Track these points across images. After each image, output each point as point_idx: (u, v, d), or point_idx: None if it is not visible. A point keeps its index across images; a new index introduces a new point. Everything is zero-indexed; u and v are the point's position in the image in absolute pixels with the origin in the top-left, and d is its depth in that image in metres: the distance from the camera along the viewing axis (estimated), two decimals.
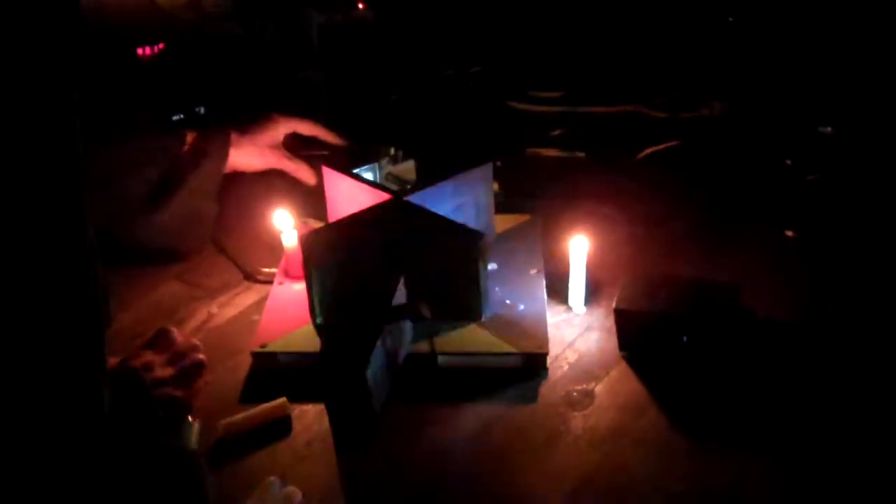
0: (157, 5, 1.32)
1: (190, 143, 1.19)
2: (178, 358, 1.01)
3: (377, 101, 1.57)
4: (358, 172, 1.16)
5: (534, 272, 1.13)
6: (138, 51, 1.34)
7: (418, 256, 1.03)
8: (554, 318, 1.08)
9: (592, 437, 0.92)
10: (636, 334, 1.02)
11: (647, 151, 1.41)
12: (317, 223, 1.20)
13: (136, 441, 0.77)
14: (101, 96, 1.18)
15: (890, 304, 1.07)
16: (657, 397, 0.97)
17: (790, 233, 1.22)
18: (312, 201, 1.24)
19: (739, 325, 1.02)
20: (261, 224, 1.22)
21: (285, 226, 1.14)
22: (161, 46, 1.36)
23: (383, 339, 0.93)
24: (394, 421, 0.94)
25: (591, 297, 1.10)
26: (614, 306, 1.02)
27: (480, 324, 1.05)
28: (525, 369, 1.01)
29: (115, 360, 0.98)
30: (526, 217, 1.23)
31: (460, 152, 1.22)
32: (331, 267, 1.04)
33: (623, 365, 1.02)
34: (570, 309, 1.10)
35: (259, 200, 1.26)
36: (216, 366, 1.03)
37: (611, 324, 1.05)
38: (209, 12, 1.40)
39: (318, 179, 1.25)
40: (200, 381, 1.00)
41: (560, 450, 0.91)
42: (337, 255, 1.04)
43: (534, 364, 1.01)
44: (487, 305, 1.05)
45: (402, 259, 1.02)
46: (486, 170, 1.15)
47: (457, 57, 1.66)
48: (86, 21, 1.02)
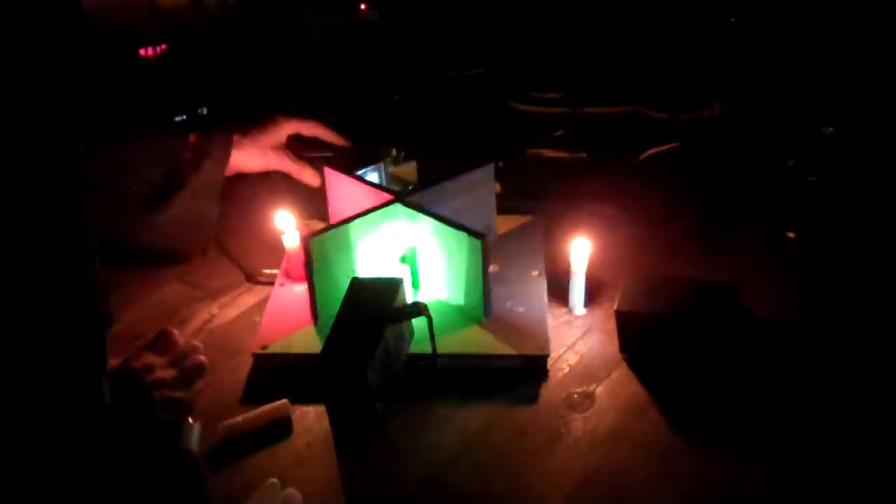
0: (159, 6, 1.32)
1: (191, 144, 1.19)
2: (180, 359, 1.01)
3: (379, 102, 1.57)
4: (363, 174, 1.16)
5: (535, 274, 1.13)
6: (141, 51, 1.35)
7: (420, 257, 1.03)
8: (555, 320, 1.08)
9: (593, 438, 0.93)
10: (637, 336, 1.02)
11: (649, 152, 1.41)
12: (319, 224, 1.20)
13: (136, 442, 0.78)
14: (103, 97, 1.18)
15: (890, 304, 1.07)
16: (658, 399, 0.97)
17: (791, 233, 1.22)
18: (314, 202, 1.24)
19: (740, 326, 1.02)
20: (262, 225, 1.22)
21: (287, 227, 1.14)
22: (163, 47, 1.36)
23: (384, 340, 0.93)
24: (395, 423, 0.94)
25: (591, 299, 1.10)
26: (615, 308, 1.02)
27: (481, 325, 1.05)
28: (526, 371, 1.01)
29: (116, 361, 0.98)
30: (527, 218, 1.24)
31: (462, 153, 1.22)
32: (333, 268, 1.05)
33: (624, 367, 1.02)
34: (570, 310, 1.10)
35: (261, 201, 1.26)
36: (217, 367, 1.03)
37: (612, 325, 1.05)
38: (211, 13, 1.40)
39: (321, 181, 1.25)
40: (201, 383, 1.00)
41: (561, 451, 0.91)
42: (339, 257, 1.04)
43: (534, 366, 1.01)
44: (489, 307, 1.05)
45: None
46: (488, 171, 1.15)
47: (459, 58, 1.66)
48: (88, 22, 1.03)
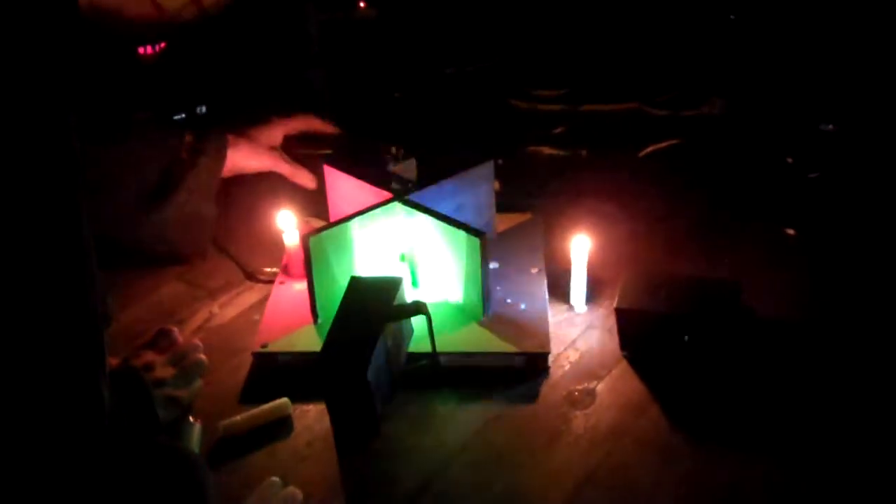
0: (158, 4, 1.32)
1: (188, 143, 1.19)
2: (179, 358, 1.01)
3: (379, 100, 1.57)
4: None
5: (535, 271, 1.13)
6: (139, 50, 1.34)
7: (420, 255, 1.03)
8: (555, 318, 1.08)
9: (594, 436, 0.93)
10: (637, 333, 1.02)
11: (649, 149, 1.41)
12: (319, 222, 1.20)
13: (136, 441, 0.77)
14: (101, 96, 1.18)
15: (890, 302, 1.07)
16: (658, 396, 0.97)
17: (791, 230, 1.22)
18: (314, 200, 1.24)
19: (740, 324, 1.02)
20: (262, 223, 1.22)
21: (287, 225, 1.14)
22: (162, 45, 1.36)
23: (384, 339, 0.93)
24: (395, 421, 0.94)
25: (592, 296, 1.10)
26: (615, 305, 1.02)
27: (481, 323, 1.04)
28: (526, 369, 1.01)
29: (116, 360, 0.98)
30: (527, 216, 1.23)
31: (461, 151, 1.22)
32: (332, 267, 1.04)
33: (624, 364, 1.01)
34: (571, 308, 1.10)
35: (261, 200, 1.26)
36: (217, 366, 1.03)
37: (612, 323, 1.04)
38: (210, 11, 1.40)
39: (317, 183, 1.25)
40: (201, 381, 1.00)
41: (561, 449, 0.91)
42: (339, 255, 1.04)
43: (535, 363, 1.01)
44: (489, 305, 1.05)
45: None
46: (488, 168, 1.15)
47: (458, 55, 1.65)
48: (86, 20, 1.03)
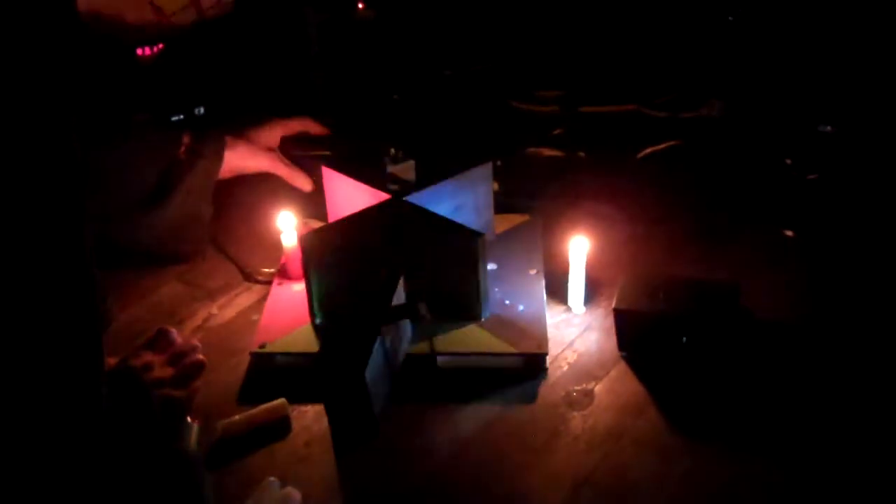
0: (157, 8, 1.32)
1: (185, 144, 1.19)
2: (178, 358, 1.01)
3: (377, 101, 1.57)
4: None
5: (533, 272, 1.13)
6: (137, 51, 1.34)
7: (418, 257, 1.03)
8: (553, 319, 1.08)
9: (592, 437, 0.93)
10: (635, 334, 1.02)
11: (647, 151, 1.41)
12: (317, 223, 1.20)
13: (134, 441, 0.78)
14: (99, 97, 1.18)
15: (889, 303, 1.07)
16: (656, 397, 0.97)
17: (789, 232, 1.22)
18: (313, 201, 1.24)
19: (738, 325, 1.02)
20: (261, 224, 1.22)
21: (285, 226, 1.14)
22: (160, 47, 1.36)
23: (382, 339, 0.93)
24: (393, 421, 0.94)
25: (590, 298, 1.10)
26: (613, 306, 1.02)
27: (480, 324, 1.04)
28: (524, 369, 1.01)
29: (114, 360, 0.98)
30: (525, 217, 1.23)
31: (460, 152, 1.22)
32: (330, 267, 1.04)
33: (622, 365, 1.01)
34: (569, 309, 1.10)
35: (259, 200, 1.26)
36: (215, 366, 1.03)
37: (610, 324, 1.04)
38: (209, 14, 1.40)
39: (314, 185, 1.25)
40: (199, 382, 1.00)
41: (559, 450, 0.91)
42: (337, 256, 1.04)
43: (533, 364, 1.01)
44: (487, 306, 1.05)
45: (401, 259, 1.02)
46: (486, 170, 1.15)
47: (457, 56, 1.65)
48: (84, 22, 1.03)
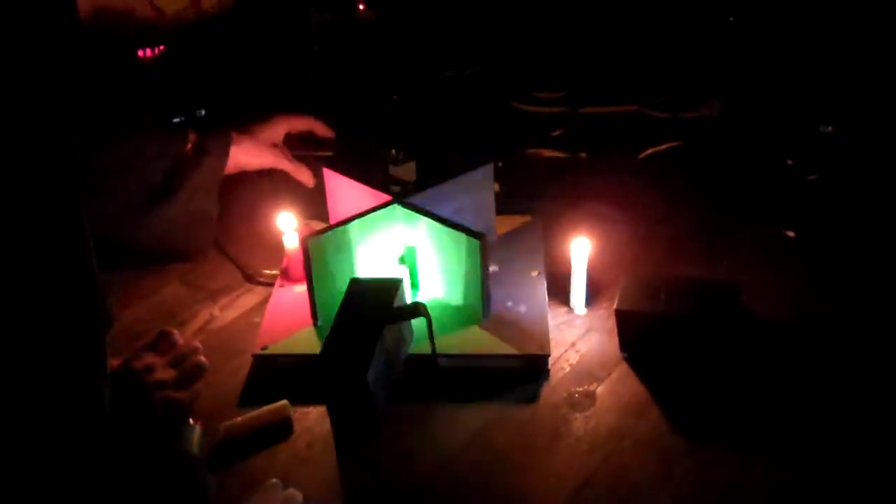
0: (158, 7, 1.32)
1: (191, 141, 1.19)
2: (180, 360, 1.01)
3: (378, 102, 1.57)
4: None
5: (535, 274, 1.13)
6: (138, 53, 1.34)
7: (420, 258, 1.03)
8: (555, 320, 1.08)
9: (594, 438, 0.93)
10: (637, 335, 1.02)
11: (648, 151, 1.41)
12: (319, 224, 1.20)
13: (136, 443, 0.77)
14: (101, 98, 1.18)
15: (889, 303, 1.07)
16: (658, 398, 0.97)
17: (790, 232, 1.22)
18: (314, 203, 1.24)
19: (739, 325, 1.02)
20: (262, 226, 1.22)
21: (287, 228, 1.14)
22: (161, 48, 1.36)
23: (384, 341, 0.93)
24: (395, 423, 0.94)
25: (591, 299, 1.10)
26: (615, 307, 1.02)
27: (481, 325, 1.05)
28: (526, 371, 1.01)
29: (116, 362, 0.98)
30: (527, 218, 1.23)
31: (461, 153, 1.22)
32: (332, 269, 1.04)
33: (624, 366, 1.02)
34: (571, 310, 1.10)
35: (261, 202, 1.26)
36: (217, 368, 1.03)
37: (612, 325, 1.05)
38: (210, 13, 1.40)
39: (316, 181, 1.25)
40: (201, 384, 1.00)
41: (561, 451, 0.91)
42: (338, 258, 1.04)
43: (535, 365, 1.01)
44: (488, 307, 1.05)
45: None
46: (487, 171, 1.15)
47: (458, 57, 1.66)
48: (84, 23, 1.03)
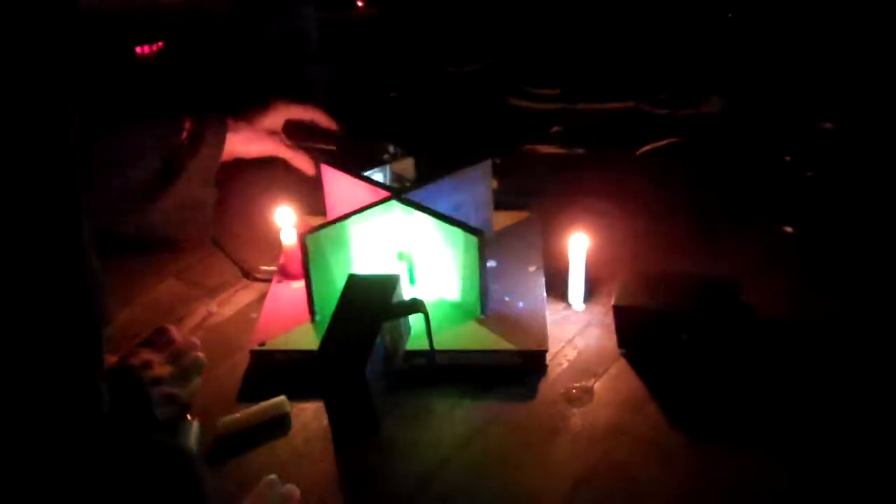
0: (156, 3, 1.31)
1: (187, 128, 1.19)
2: (177, 356, 1.01)
3: (377, 98, 1.57)
4: (370, 174, 1.16)
5: (533, 269, 1.13)
6: (137, 49, 1.34)
7: (418, 254, 1.03)
8: (553, 316, 1.07)
9: (591, 433, 0.92)
10: (635, 331, 1.02)
11: (646, 148, 1.41)
12: (316, 220, 1.20)
13: (134, 439, 0.77)
14: (99, 94, 1.18)
15: (889, 300, 1.07)
16: (656, 394, 0.97)
17: (789, 228, 1.22)
18: (312, 198, 1.24)
19: (738, 321, 1.02)
20: (260, 222, 1.22)
21: (284, 223, 1.14)
22: (160, 45, 1.36)
23: (382, 336, 0.93)
24: (393, 419, 0.94)
25: (590, 294, 1.10)
26: (613, 303, 1.02)
27: (479, 321, 1.04)
28: (524, 366, 1.01)
29: (113, 359, 0.98)
30: (525, 214, 1.23)
31: (459, 149, 1.22)
32: (330, 265, 1.04)
33: (622, 362, 1.01)
34: (569, 306, 1.10)
35: (259, 198, 1.26)
36: (215, 364, 1.03)
37: (610, 321, 1.05)
38: (208, 10, 1.40)
39: (316, 170, 1.25)
40: (199, 380, 1.00)
41: (559, 447, 0.91)
42: (336, 254, 1.04)
43: (533, 361, 1.01)
44: (486, 302, 1.05)
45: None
46: (485, 167, 1.15)
47: (457, 54, 1.65)
48: (84, 18, 1.02)
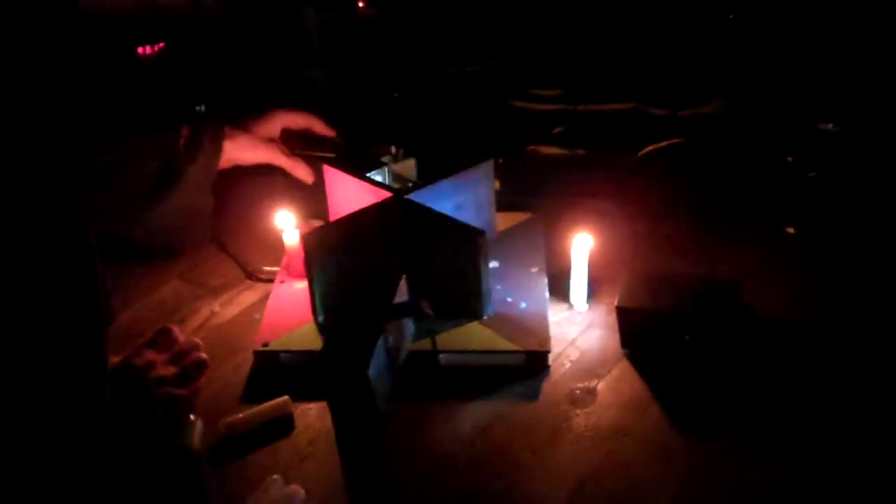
0: (157, 4, 1.32)
1: (185, 136, 1.19)
2: (180, 356, 1.01)
3: (379, 99, 1.57)
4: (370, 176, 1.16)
5: (535, 270, 1.13)
6: (138, 50, 1.34)
7: (420, 255, 1.03)
8: (556, 316, 1.08)
9: (594, 435, 0.93)
10: (638, 332, 1.02)
11: (648, 149, 1.41)
12: (318, 222, 1.20)
13: (137, 440, 0.77)
14: (100, 96, 1.18)
15: (890, 301, 1.07)
16: (659, 395, 0.97)
17: (791, 229, 1.22)
18: (314, 200, 1.24)
19: (741, 322, 1.02)
20: (263, 223, 1.22)
21: (287, 224, 1.14)
22: (161, 45, 1.36)
23: (385, 337, 0.93)
24: (396, 419, 0.94)
25: (592, 295, 1.10)
26: (615, 304, 1.02)
27: (482, 322, 1.04)
28: (527, 367, 1.01)
29: (117, 359, 0.98)
30: (527, 215, 1.24)
31: (461, 150, 1.22)
32: (332, 265, 1.04)
33: (625, 363, 1.02)
34: (571, 307, 1.10)
35: (261, 199, 1.26)
36: (218, 364, 1.03)
37: (613, 321, 1.05)
38: (209, 10, 1.40)
39: (315, 178, 1.25)
40: (202, 380, 1.00)
41: (562, 448, 0.91)
42: (338, 254, 1.04)
43: (535, 362, 1.01)
44: (489, 303, 1.05)
45: (403, 257, 1.02)
46: (487, 168, 1.15)
47: (458, 55, 1.65)
48: (85, 20, 1.02)
